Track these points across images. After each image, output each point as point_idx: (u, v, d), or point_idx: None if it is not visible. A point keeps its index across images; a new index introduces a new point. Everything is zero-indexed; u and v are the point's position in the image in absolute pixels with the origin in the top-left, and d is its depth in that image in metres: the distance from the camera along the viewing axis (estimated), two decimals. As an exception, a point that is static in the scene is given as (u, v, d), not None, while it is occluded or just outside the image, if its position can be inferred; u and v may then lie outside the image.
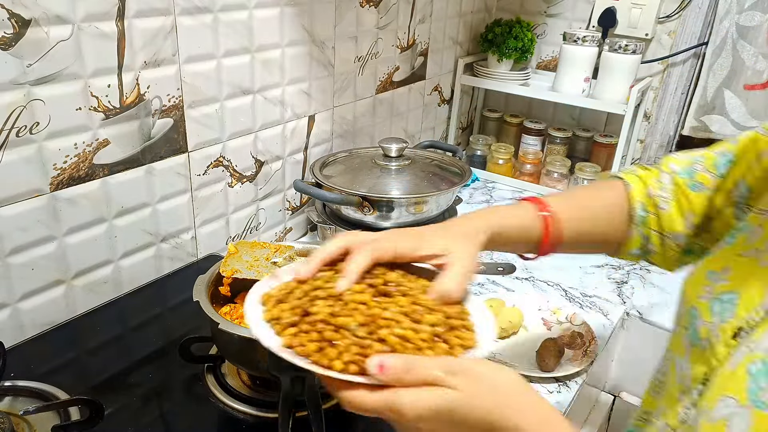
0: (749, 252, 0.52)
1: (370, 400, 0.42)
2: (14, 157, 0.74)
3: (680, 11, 1.53)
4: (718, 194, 0.66)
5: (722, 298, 0.51)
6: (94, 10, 0.78)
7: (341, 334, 0.47)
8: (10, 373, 0.68)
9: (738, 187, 0.64)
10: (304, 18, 1.11)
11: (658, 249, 0.71)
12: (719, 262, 0.55)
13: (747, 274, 0.51)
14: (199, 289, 0.70)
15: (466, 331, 0.51)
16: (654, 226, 0.70)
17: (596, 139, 1.65)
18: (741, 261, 0.52)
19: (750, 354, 0.43)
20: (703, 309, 0.53)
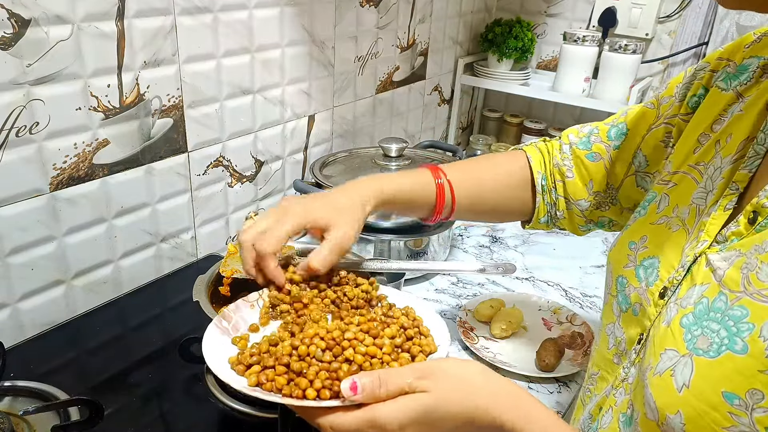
0: (661, 219, 0.57)
1: (351, 420, 0.44)
2: (14, 157, 0.74)
3: (680, 11, 1.53)
4: (617, 164, 0.72)
5: (644, 264, 0.56)
6: (94, 10, 0.78)
7: (307, 362, 0.49)
8: (10, 373, 0.68)
9: (636, 157, 0.70)
10: (304, 18, 1.11)
11: (565, 215, 0.78)
12: (637, 232, 0.60)
13: (662, 240, 0.56)
14: (199, 289, 0.70)
15: (423, 337, 0.55)
16: (561, 193, 0.77)
17: (596, 139, 1.65)
18: (655, 229, 0.58)
19: (681, 309, 0.47)
20: (630, 276, 0.58)
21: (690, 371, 0.42)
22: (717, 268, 0.46)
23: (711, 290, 0.45)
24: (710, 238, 0.50)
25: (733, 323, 0.41)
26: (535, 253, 1.29)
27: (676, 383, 0.43)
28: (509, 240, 1.34)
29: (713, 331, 0.42)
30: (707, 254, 0.49)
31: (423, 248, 1.11)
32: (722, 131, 0.55)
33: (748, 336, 0.39)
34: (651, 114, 0.68)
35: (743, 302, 0.41)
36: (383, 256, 1.08)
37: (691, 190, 0.55)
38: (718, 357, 0.41)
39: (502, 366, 0.90)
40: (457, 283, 1.16)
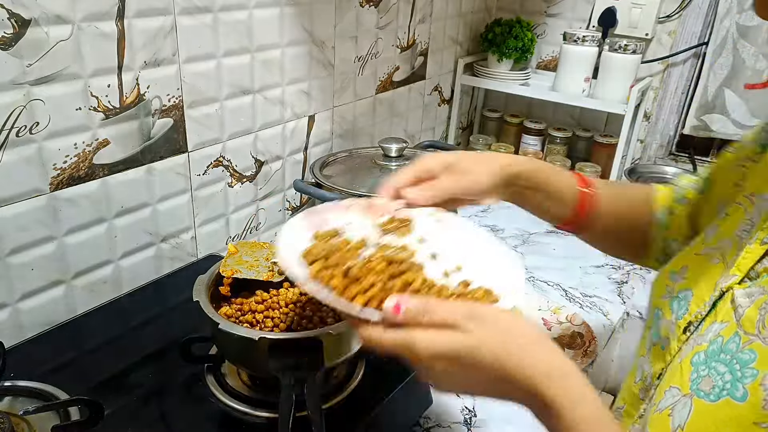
0: (705, 250, 0.54)
1: (388, 337, 0.43)
2: (14, 157, 0.74)
3: (680, 11, 1.53)
4: (701, 212, 0.67)
5: (680, 296, 0.53)
6: (94, 10, 0.78)
7: (367, 270, 0.48)
8: (10, 373, 0.68)
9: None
10: (304, 18, 1.11)
11: None
12: (680, 262, 0.57)
13: (700, 272, 0.52)
14: (199, 290, 0.70)
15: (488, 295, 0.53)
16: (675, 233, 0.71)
17: (596, 139, 1.66)
18: (697, 260, 0.54)
19: (696, 346, 0.45)
20: (665, 308, 0.54)
21: (687, 413, 0.40)
22: (738, 306, 0.43)
23: (728, 329, 0.42)
24: (741, 273, 0.46)
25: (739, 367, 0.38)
26: (535, 253, 1.29)
27: (672, 423, 0.41)
28: (509, 240, 1.34)
29: (719, 373, 0.40)
30: (734, 290, 0.46)
31: (423, 248, 1.11)
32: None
33: (751, 383, 0.37)
34: (731, 159, 0.64)
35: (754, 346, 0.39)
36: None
37: (738, 221, 0.52)
38: (717, 402, 0.39)
39: (502, 366, 0.90)
40: (457, 283, 1.16)
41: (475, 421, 0.81)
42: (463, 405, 0.84)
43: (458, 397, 0.85)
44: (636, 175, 1.56)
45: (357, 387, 0.73)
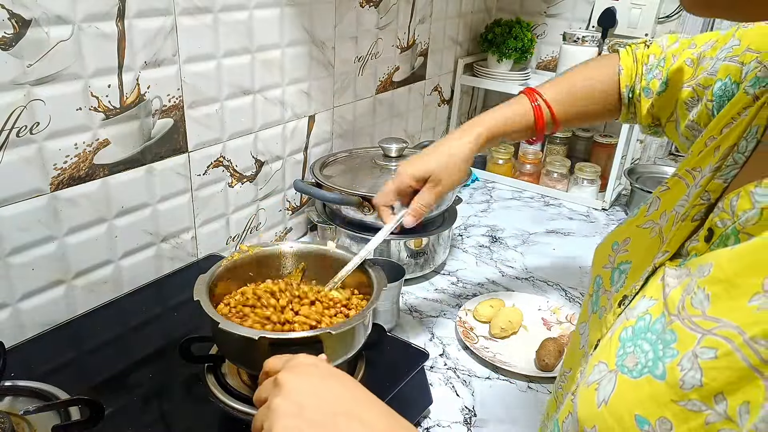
0: (647, 224, 0.55)
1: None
2: (14, 157, 0.74)
3: (680, 11, 1.53)
4: (661, 109, 0.74)
5: (620, 267, 0.55)
6: (95, 11, 0.78)
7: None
8: (11, 372, 0.68)
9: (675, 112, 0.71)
10: (304, 18, 1.11)
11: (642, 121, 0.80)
12: (623, 233, 0.58)
13: (641, 245, 0.54)
14: (200, 289, 0.70)
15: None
16: (637, 107, 0.79)
17: (596, 139, 1.66)
18: (639, 232, 0.55)
19: (625, 321, 0.46)
20: (605, 278, 0.56)
21: (612, 388, 0.41)
22: (667, 285, 0.44)
23: (656, 308, 0.43)
24: (671, 249, 0.48)
25: (662, 347, 0.39)
26: (535, 253, 1.29)
27: (597, 397, 0.42)
28: (509, 240, 1.34)
29: (643, 351, 0.41)
30: (667, 266, 0.46)
31: (423, 248, 1.11)
32: (724, 136, 0.51)
33: (670, 362, 0.38)
34: (688, 72, 0.68)
35: (674, 326, 0.39)
36: (383, 256, 1.08)
37: (679, 196, 0.52)
38: (639, 378, 0.39)
39: (502, 366, 0.90)
40: (457, 283, 1.16)
41: (475, 421, 0.81)
42: (463, 405, 0.84)
43: (458, 397, 0.86)
44: (636, 175, 1.56)
45: (357, 387, 0.73)
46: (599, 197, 1.56)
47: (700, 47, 0.69)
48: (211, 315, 0.66)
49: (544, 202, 1.58)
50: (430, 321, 1.03)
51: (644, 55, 0.79)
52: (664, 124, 0.75)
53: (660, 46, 0.77)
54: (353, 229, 1.10)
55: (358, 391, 0.48)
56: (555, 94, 0.82)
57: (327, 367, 0.51)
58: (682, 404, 0.36)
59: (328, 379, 0.49)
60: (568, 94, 0.82)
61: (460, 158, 0.79)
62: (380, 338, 0.80)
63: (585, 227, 1.44)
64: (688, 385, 0.35)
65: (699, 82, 0.66)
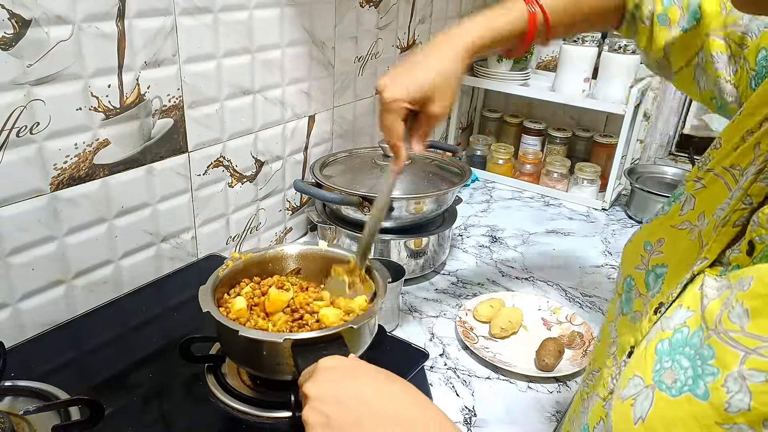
0: (683, 224, 0.52)
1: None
2: (14, 157, 0.74)
3: (680, 11, 1.53)
4: (678, 48, 0.67)
5: (656, 271, 0.52)
6: (95, 11, 0.78)
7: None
8: (11, 373, 0.68)
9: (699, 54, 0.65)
10: (304, 18, 1.11)
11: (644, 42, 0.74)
12: (655, 233, 0.55)
13: (679, 248, 0.51)
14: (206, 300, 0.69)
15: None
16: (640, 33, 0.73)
17: (596, 139, 1.66)
18: (674, 233, 0.52)
19: (660, 332, 0.44)
20: (639, 280, 0.54)
21: (649, 405, 0.40)
22: (705, 296, 0.42)
23: (694, 320, 0.41)
24: (711, 256, 0.45)
25: (700, 363, 0.38)
26: (535, 253, 1.29)
27: (634, 414, 0.41)
28: (509, 240, 1.34)
29: (682, 367, 0.39)
30: (706, 275, 0.44)
31: (423, 248, 1.11)
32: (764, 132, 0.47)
33: (712, 382, 0.36)
34: (717, 17, 0.62)
35: (711, 341, 0.38)
36: (383, 256, 1.08)
37: (720, 197, 0.48)
38: (678, 397, 0.38)
39: (502, 366, 0.90)
40: (457, 283, 1.16)
41: (475, 421, 0.81)
42: (463, 405, 0.84)
43: (458, 397, 0.86)
44: (636, 175, 1.56)
45: (357, 387, 0.73)
46: (599, 197, 1.56)
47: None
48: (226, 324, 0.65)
49: (544, 202, 1.58)
50: (430, 321, 1.03)
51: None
52: (678, 69, 0.68)
53: None
54: (353, 229, 1.10)
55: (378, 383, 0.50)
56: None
57: (345, 367, 0.52)
58: (727, 427, 0.34)
59: (347, 379, 0.50)
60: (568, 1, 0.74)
61: (452, 77, 0.69)
62: (380, 338, 0.80)
63: (585, 227, 1.44)
64: (734, 408, 0.34)
65: (732, 37, 0.60)
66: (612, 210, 1.55)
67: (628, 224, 1.48)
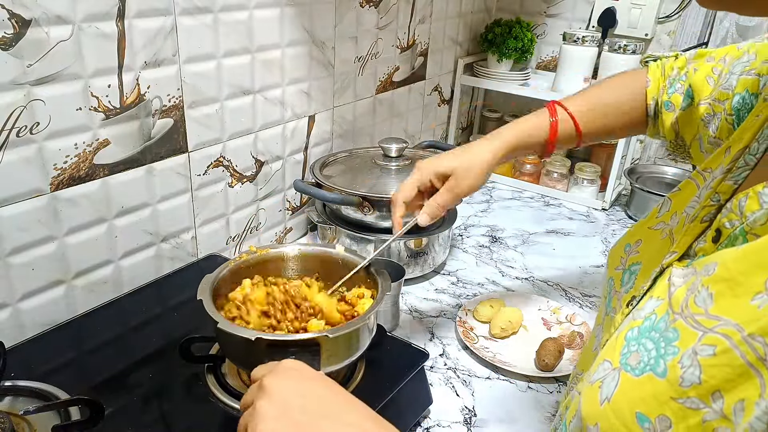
0: (658, 225, 0.55)
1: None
2: (14, 157, 0.74)
3: (680, 11, 1.53)
4: (685, 125, 0.72)
5: (631, 269, 0.55)
6: (95, 11, 0.78)
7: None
8: (11, 373, 0.68)
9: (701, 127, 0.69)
10: (304, 18, 1.11)
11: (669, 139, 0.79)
12: (635, 235, 0.58)
13: (652, 246, 0.54)
14: (204, 288, 0.69)
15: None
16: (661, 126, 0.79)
17: (596, 139, 1.65)
18: (650, 234, 0.56)
19: (632, 321, 0.46)
20: (616, 279, 0.57)
21: (615, 386, 0.41)
22: (672, 284, 0.44)
23: (662, 307, 0.43)
24: (680, 250, 0.48)
25: (664, 345, 0.39)
26: (535, 253, 1.29)
27: (600, 395, 0.42)
28: (509, 240, 1.34)
29: (647, 349, 0.41)
30: (674, 267, 0.47)
31: (423, 248, 1.11)
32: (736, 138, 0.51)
33: (671, 360, 0.38)
34: (707, 89, 0.68)
35: (677, 324, 0.39)
36: (383, 256, 1.08)
37: (690, 197, 0.52)
38: (641, 376, 0.40)
39: (502, 366, 0.90)
40: (457, 283, 1.16)
41: (475, 421, 0.81)
42: (463, 405, 0.84)
43: (458, 397, 0.86)
44: (636, 175, 1.56)
45: (357, 387, 0.73)
46: (599, 197, 1.56)
47: (717, 61, 0.68)
48: (211, 314, 0.66)
49: (544, 202, 1.58)
50: (430, 321, 1.03)
51: (670, 67, 0.77)
52: (690, 142, 0.73)
53: (685, 58, 0.76)
54: (353, 229, 1.10)
55: (341, 394, 0.49)
56: (580, 105, 0.80)
57: (311, 372, 0.52)
58: (681, 402, 0.36)
59: (311, 381, 0.50)
60: (594, 105, 0.81)
61: (481, 163, 0.78)
62: (380, 338, 0.80)
63: (585, 227, 1.44)
64: (687, 383, 0.35)
65: (715, 97, 0.66)
66: (612, 210, 1.55)
67: (628, 224, 1.48)
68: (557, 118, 0.79)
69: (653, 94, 0.78)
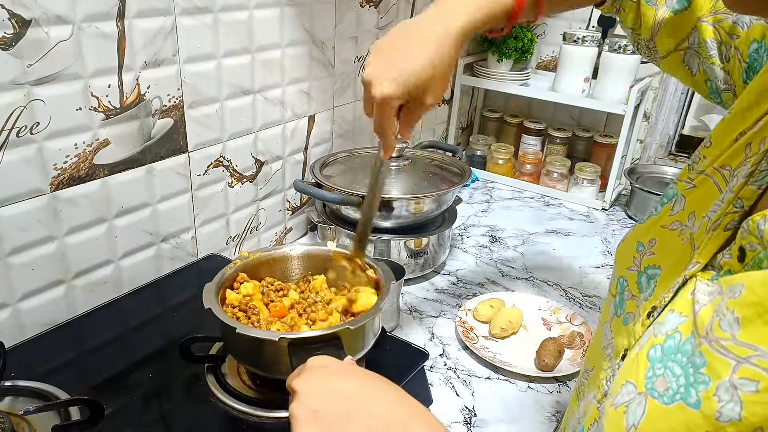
0: (673, 225, 0.51)
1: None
2: (14, 157, 0.74)
3: (680, 11, 1.53)
4: (665, 31, 0.65)
5: (648, 272, 0.52)
6: (95, 11, 0.78)
7: None
8: (11, 373, 0.68)
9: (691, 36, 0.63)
10: (304, 18, 1.11)
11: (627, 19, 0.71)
12: (647, 233, 0.54)
13: (670, 249, 0.50)
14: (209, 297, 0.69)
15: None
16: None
17: (596, 139, 1.66)
18: (665, 234, 0.52)
19: (653, 338, 0.44)
20: (631, 281, 0.54)
21: (642, 413, 0.40)
22: (697, 302, 0.42)
23: (686, 327, 0.41)
24: (703, 260, 0.45)
25: (692, 371, 0.38)
26: (535, 253, 1.29)
27: (626, 422, 0.41)
28: (509, 240, 1.34)
29: (674, 375, 0.39)
30: (698, 279, 0.44)
31: (423, 248, 1.11)
32: (756, 133, 0.46)
33: (704, 391, 0.36)
34: (708, 4, 0.61)
35: (703, 349, 0.37)
36: (383, 256, 1.08)
37: (711, 198, 0.48)
38: (671, 405, 0.38)
39: (502, 366, 0.90)
40: (457, 283, 1.16)
41: (475, 421, 0.81)
42: (463, 405, 0.84)
43: (458, 397, 0.86)
44: (636, 175, 1.56)
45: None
46: (599, 197, 1.56)
47: None
48: (226, 321, 0.65)
49: (544, 202, 1.58)
50: (430, 321, 1.03)
51: None
52: (666, 53, 0.66)
53: None
54: (353, 229, 1.10)
55: (368, 385, 0.49)
56: None
57: (338, 366, 0.52)
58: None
59: (338, 378, 0.50)
60: None
61: (447, 65, 0.63)
62: (380, 338, 0.80)
63: (585, 227, 1.44)
64: (725, 418, 0.34)
65: (721, 25, 0.59)
66: (612, 210, 1.55)
67: (628, 224, 1.48)
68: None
69: None
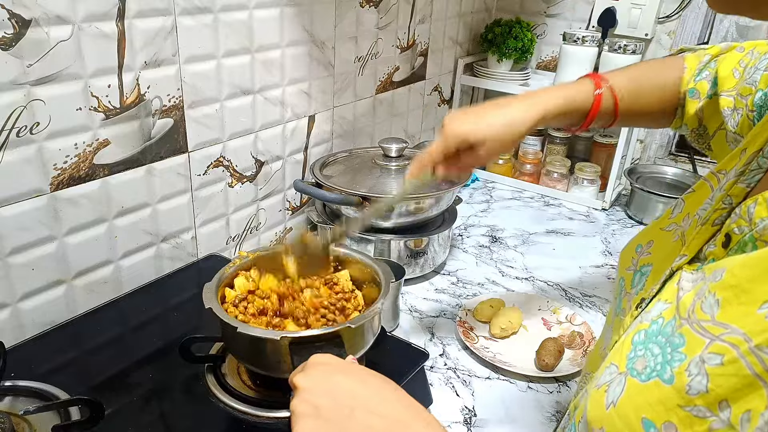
0: (670, 226, 0.55)
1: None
2: (14, 157, 0.74)
3: (680, 11, 1.53)
4: (710, 115, 0.70)
5: (642, 270, 0.55)
6: (95, 11, 0.78)
7: None
8: (11, 373, 0.68)
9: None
10: (304, 18, 1.11)
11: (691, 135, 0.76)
12: (647, 236, 0.58)
13: (663, 248, 0.53)
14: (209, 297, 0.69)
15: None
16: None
17: (596, 139, 1.66)
18: (662, 235, 0.55)
19: (639, 324, 0.45)
20: (627, 280, 0.57)
21: (621, 390, 0.41)
22: (681, 288, 0.44)
23: (670, 311, 0.43)
24: (690, 253, 0.48)
25: (670, 350, 0.39)
26: (535, 253, 1.29)
27: (606, 399, 0.42)
28: (509, 240, 1.34)
29: (653, 354, 0.41)
30: (683, 270, 0.46)
31: (423, 248, 1.11)
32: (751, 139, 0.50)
33: (678, 367, 0.37)
34: (732, 80, 0.66)
35: (683, 330, 0.39)
36: (383, 256, 1.08)
37: (703, 199, 0.51)
38: (647, 382, 0.39)
39: (502, 366, 0.90)
40: (457, 283, 1.16)
41: (475, 421, 0.81)
42: (463, 405, 0.84)
43: (458, 397, 0.86)
44: (636, 175, 1.56)
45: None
46: (599, 197, 1.56)
47: (746, 53, 0.67)
48: (227, 320, 0.65)
49: (544, 202, 1.58)
50: (430, 321, 1.03)
51: (703, 54, 0.74)
52: (713, 133, 0.71)
53: (720, 47, 0.72)
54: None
55: (370, 383, 0.49)
56: (623, 81, 0.74)
57: (339, 363, 0.52)
58: (688, 409, 0.35)
59: (340, 375, 0.50)
60: (637, 83, 0.75)
61: (513, 135, 0.71)
62: (380, 338, 0.80)
63: (585, 227, 1.44)
64: (695, 391, 0.35)
65: (739, 92, 0.64)
66: (612, 210, 1.55)
67: (628, 224, 1.48)
68: (601, 92, 0.73)
69: (688, 81, 0.74)
